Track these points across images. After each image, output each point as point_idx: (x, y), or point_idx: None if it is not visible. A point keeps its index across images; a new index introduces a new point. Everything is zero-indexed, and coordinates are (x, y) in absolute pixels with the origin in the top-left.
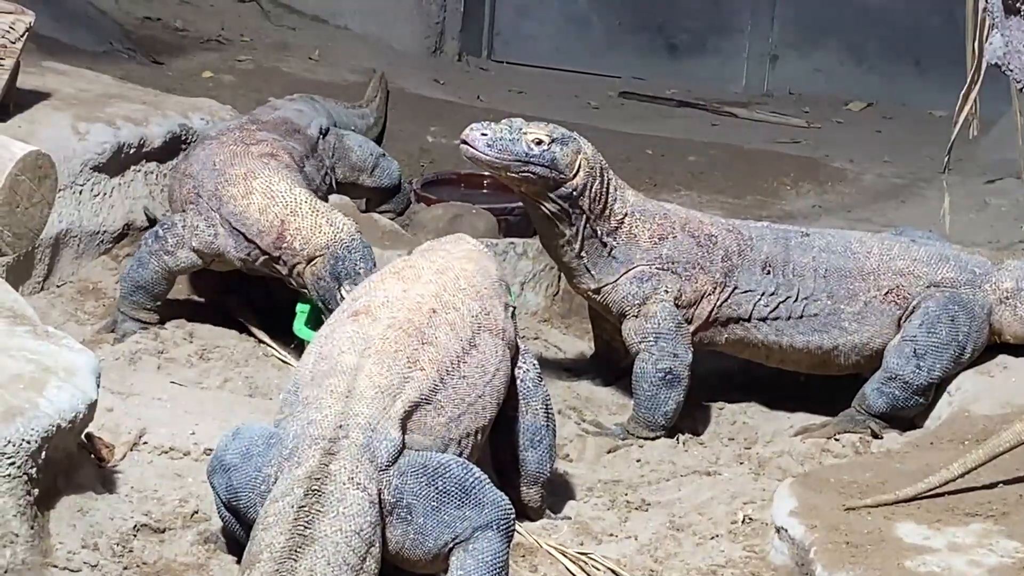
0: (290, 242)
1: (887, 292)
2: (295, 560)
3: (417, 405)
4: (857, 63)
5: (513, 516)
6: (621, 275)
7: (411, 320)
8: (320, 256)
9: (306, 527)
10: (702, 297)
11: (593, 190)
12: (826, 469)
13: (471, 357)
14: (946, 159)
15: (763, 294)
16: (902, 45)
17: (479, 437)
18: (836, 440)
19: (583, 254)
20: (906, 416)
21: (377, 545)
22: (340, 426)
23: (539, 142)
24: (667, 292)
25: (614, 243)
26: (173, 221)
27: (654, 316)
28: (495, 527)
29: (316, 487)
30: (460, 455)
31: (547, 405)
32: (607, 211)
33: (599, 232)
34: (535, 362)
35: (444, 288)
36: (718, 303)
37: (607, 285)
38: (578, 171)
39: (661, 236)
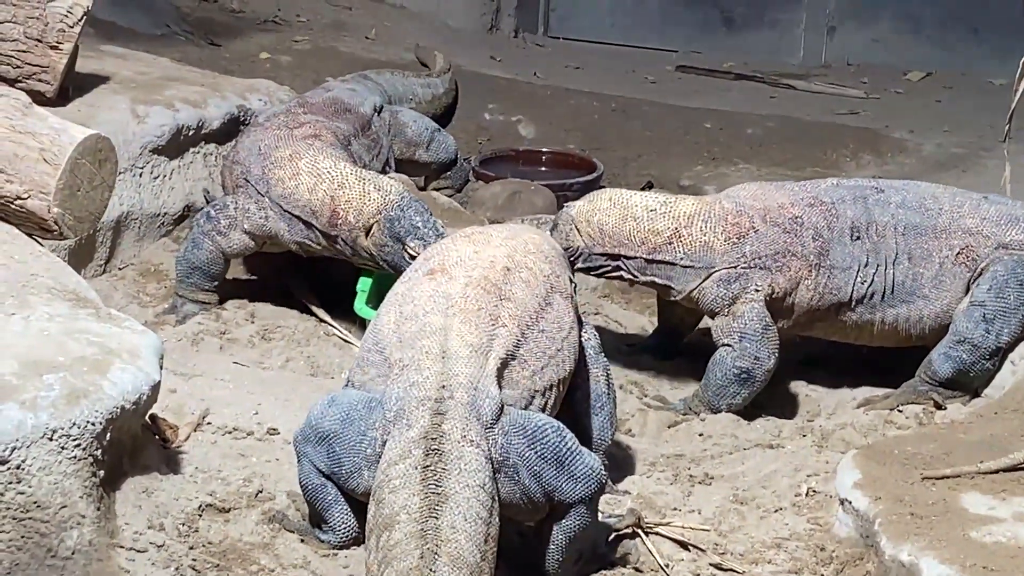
0: (344, 216)
1: (958, 252)
2: (436, 518)
3: (505, 361)
4: (915, 33)
5: (603, 480)
6: (704, 279)
7: (487, 277)
8: (375, 223)
9: (437, 485)
10: (799, 283)
11: (615, 234)
12: (889, 441)
13: (547, 313)
14: (1006, 127)
15: (859, 269)
16: (960, 13)
17: (561, 389)
18: (899, 411)
19: (654, 278)
20: (972, 382)
21: (496, 498)
22: (443, 386)
23: None
24: (757, 291)
25: (680, 254)
26: (225, 203)
27: (742, 316)
28: (586, 502)
29: (435, 447)
30: (544, 407)
31: (608, 373)
32: (649, 237)
33: (654, 259)
34: (596, 333)
35: (515, 250)
36: (818, 288)
37: (693, 291)
38: (580, 235)
39: (739, 235)
